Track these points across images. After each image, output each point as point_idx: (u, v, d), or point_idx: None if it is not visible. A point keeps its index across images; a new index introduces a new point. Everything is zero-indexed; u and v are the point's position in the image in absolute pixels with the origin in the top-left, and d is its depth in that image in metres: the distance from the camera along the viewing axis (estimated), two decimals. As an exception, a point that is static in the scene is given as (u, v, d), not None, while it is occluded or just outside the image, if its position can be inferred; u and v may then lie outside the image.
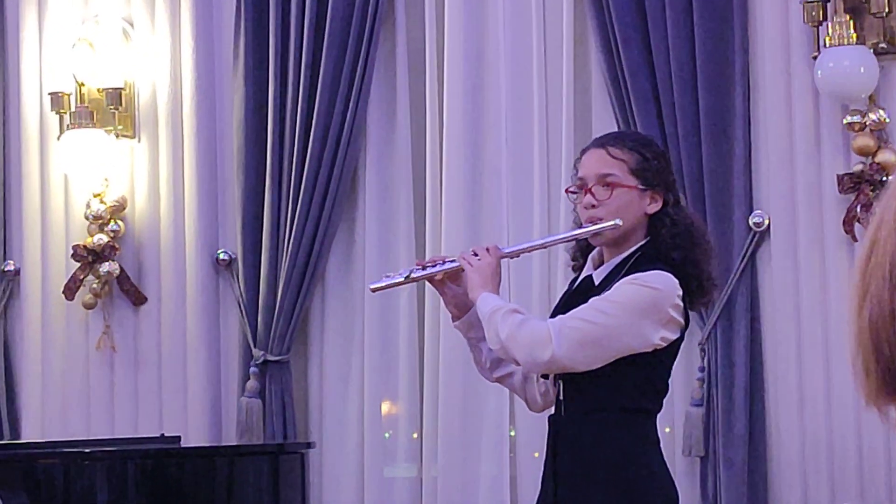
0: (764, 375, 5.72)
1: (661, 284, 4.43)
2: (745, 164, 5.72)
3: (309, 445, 5.71)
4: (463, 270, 4.62)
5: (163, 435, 5.95)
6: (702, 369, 5.72)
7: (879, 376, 1.17)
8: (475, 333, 4.65)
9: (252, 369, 6.23)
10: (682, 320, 4.49)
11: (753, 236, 5.69)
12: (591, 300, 4.44)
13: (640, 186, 4.52)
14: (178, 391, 6.33)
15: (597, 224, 4.49)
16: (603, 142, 4.62)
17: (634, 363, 4.47)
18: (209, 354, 6.34)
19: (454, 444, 6.03)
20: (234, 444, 6.11)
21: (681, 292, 4.45)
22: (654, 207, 4.53)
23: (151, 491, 5.09)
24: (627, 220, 4.49)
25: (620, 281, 4.44)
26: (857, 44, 5.45)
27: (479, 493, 6.00)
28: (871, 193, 5.46)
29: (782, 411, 5.66)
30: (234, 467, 5.30)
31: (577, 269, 4.73)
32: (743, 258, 5.68)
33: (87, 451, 5.26)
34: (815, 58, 5.54)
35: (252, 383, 6.22)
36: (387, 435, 6.23)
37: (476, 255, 4.59)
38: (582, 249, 4.68)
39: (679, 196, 4.69)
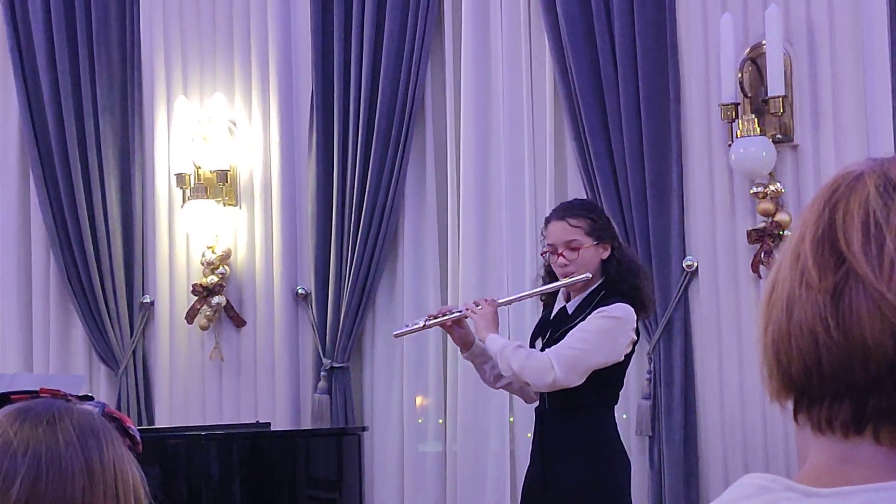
0: (695, 377, 5.70)
1: (622, 314, 4.46)
2: (680, 222, 5.72)
3: (364, 429, 5.72)
4: (466, 317, 4.63)
5: (257, 421, 5.97)
6: (649, 372, 5.71)
7: (779, 379, 1.18)
8: (479, 361, 4.70)
9: (322, 373, 6.23)
10: (636, 337, 4.51)
11: (686, 275, 5.68)
12: (573, 331, 4.45)
13: (595, 242, 4.54)
14: (269, 389, 6.33)
15: (572, 277, 4.52)
16: (562, 214, 4.64)
17: (603, 372, 4.47)
18: (291, 362, 6.34)
19: (469, 428, 6.03)
20: (310, 428, 6.10)
21: (636, 316, 4.47)
22: (606, 254, 4.57)
23: (249, 463, 5.09)
24: (591, 269, 4.52)
25: (592, 314, 4.46)
26: (760, 135, 5.45)
27: (487, 463, 5.99)
28: (771, 244, 5.45)
29: (708, 403, 5.65)
30: (309, 445, 5.30)
31: (546, 304, 4.76)
32: (678, 292, 5.67)
33: (202, 433, 5.26)
34: (729, 145, 5.54)
35: (322, 383, 6.22)
36: (420, 420, 6.22)
37: (477, 304, 4.61)
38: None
39: (620, 240, 4.73)
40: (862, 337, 1.11)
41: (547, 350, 4.49)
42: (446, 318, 4.66)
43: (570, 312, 4.54)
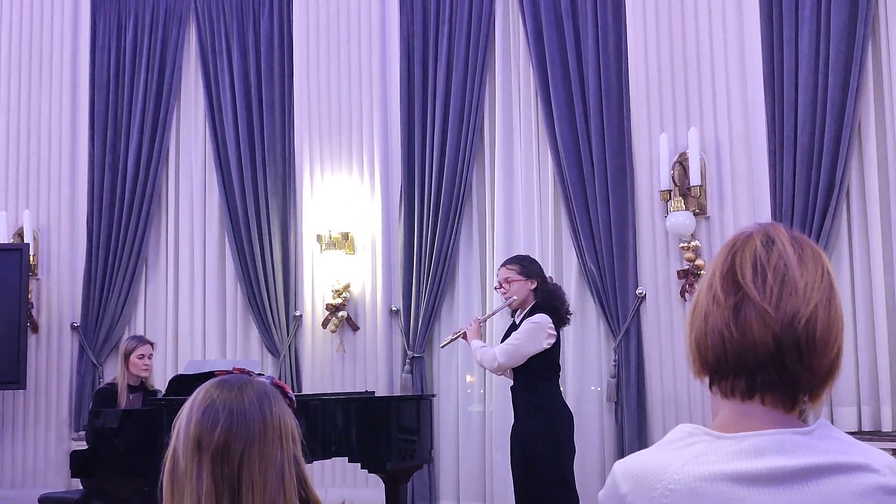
0: (644, 364, 5.66)
1: (541, 320, 4.48)
2: (635, 265, 5.70)
3: (433, 396, 5.69)
4: (466, 331, 4.72)
5: (366, 390, 5.96)
6: (615, 360, 5.68)
7: (699, 364, 1.18)
8: None
9: (407, 360, 6.23)
10: (556, 334, 4.52)
11: (638, 299, 5.66)
12: (512, 334, 4.48)
13: (523, 278, 4.55)
14: (373, 370, 6.34)
15: (508, 300, 4.57)
16: (504, 263, 4.78)
17: (542, 358, 4.49)
18: (387, 354, 6.34)
19: (500, 396, 5.99)
20: (399, 395, 6.09)
21: (552, 321, 4.47)
22: (533, 285, 4.58)
23: (362, 416, 5.09)
24: (520, 295, 4.55)
25: (523, 323, 4.51)
26: (685, 210, 5.44)
27: (509, 416, 5.94)
28: (693, 279, 5.42)
29: (653, 380, 5.61)
30: (400, 406, 5.29)
31: (512, 316, 4.77)
32: (634, 309, 5.64)
33: (332, 398, 5.27)
34: (665, 216, 5.52)
35: (407, 367, 6.22)
36: (468, 391, 6.20)
37: (470, 325, 4.72)
38: (514, 310, 4.74)
39: (545, 276, 4.72)
40: (752, 337, 1.12)
41: (496, 347, 4.61)
42: (459, 334, 4.78)
43: (517, 324, 4.60)
